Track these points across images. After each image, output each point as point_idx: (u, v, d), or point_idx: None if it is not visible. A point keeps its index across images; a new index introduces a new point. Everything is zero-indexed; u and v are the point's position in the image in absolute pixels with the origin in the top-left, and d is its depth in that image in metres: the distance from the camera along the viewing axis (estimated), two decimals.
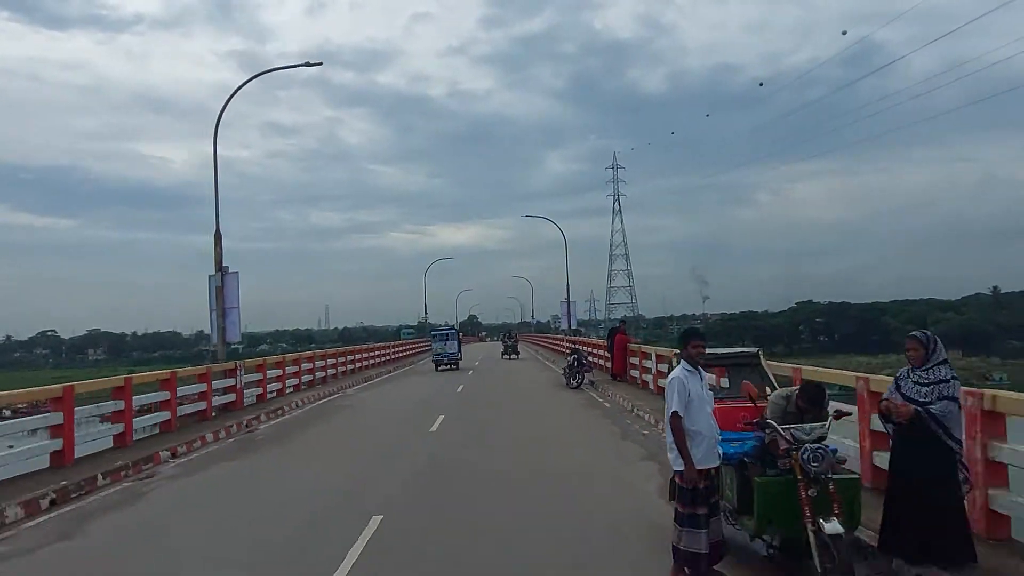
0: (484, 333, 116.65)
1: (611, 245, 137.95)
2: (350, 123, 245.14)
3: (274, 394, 17.90)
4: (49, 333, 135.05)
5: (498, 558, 5.64)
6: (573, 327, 43.59)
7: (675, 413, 4.78)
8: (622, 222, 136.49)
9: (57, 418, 9.46)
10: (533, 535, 6.16)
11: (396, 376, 28.92)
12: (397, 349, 40.59)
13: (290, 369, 19.77)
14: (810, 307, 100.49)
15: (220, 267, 15.30)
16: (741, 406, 5.63)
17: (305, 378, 21.05)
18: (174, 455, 10.65)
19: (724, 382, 7.00)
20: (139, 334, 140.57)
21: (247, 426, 13.66)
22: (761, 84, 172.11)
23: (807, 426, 4.74)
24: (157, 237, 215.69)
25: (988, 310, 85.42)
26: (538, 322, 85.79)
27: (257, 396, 16.91)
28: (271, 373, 18.04)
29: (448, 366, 29.98)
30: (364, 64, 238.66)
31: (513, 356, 38.34)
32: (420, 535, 6.26)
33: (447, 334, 31.87)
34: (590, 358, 22.17)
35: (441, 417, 13.84)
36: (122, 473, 9.30)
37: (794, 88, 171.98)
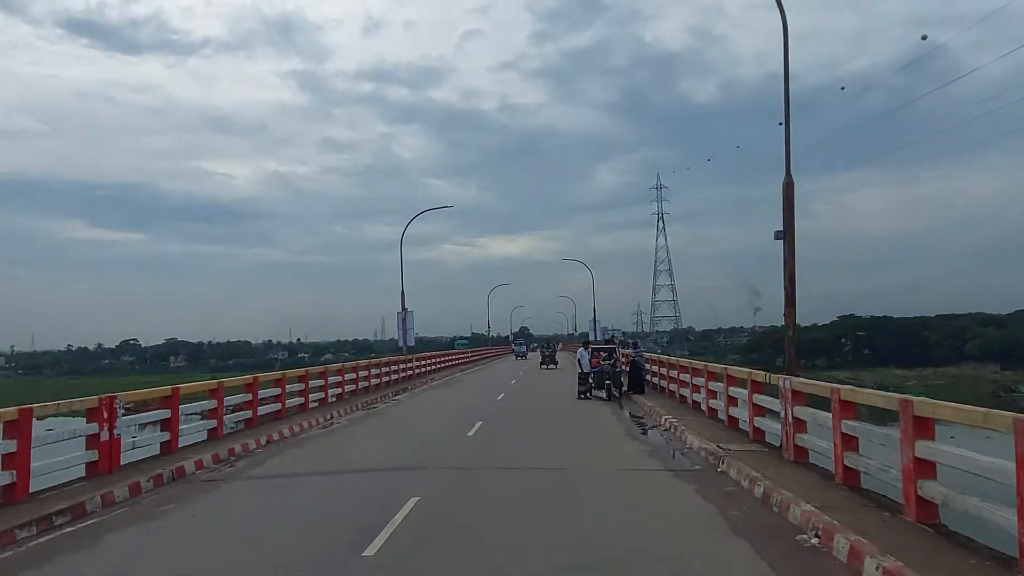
0: (535, 345, 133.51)
1: (655, 261, 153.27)
2: (403, 139, 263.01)
3: (420, 372, 35.75)
4: (131, 342, 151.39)
5: (540, 400, 23.04)
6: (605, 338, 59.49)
7: (579, 359, 22.43)
8: (666, 239, 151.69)
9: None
10: (551, 397, 23.58)
11: (479, 369, 47.91)
12: (472, 354, 59.44)
13: (426, 363, 37.64)
14: (852, 320, 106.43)
15: (404, 308, 33.16)
16: (601, 359, 23.00)
17: (431, 367, 38.94)
18: (403, 392, 28.25)
19: (603, 354, 24.00)
20: (213, 343, 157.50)
21: (424, 384, 31.46)
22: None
23: (607, 362, 22.03)
24: (220, 250, 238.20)
25: None
26: (582, 333, 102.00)
27: (416, 374, 34.65)
28: (419, 363, 35.89)
29: (522, 357, 65.00)
30: (418, 81, 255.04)
31: (551, 366, 42.56)
32: (516, 401, 23.54)
33: (522, 343, 77.68)
34: None
35: (514, 380, 31.49)
36: (391, 394, 26.95)
37: (852, 95, 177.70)
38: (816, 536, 6.91)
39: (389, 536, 7.19)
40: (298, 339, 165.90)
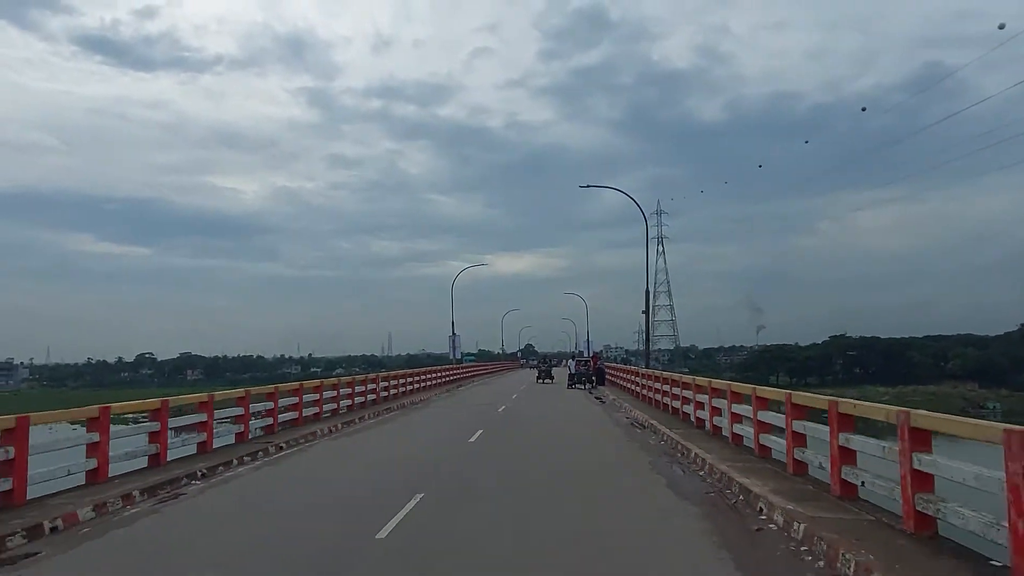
0: (538, 360, 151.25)
1: (655, 283, 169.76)
2: (410, 155, 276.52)
3: (463, 377, 53.28)
4: (148, 355, 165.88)
5: (545, 390, 40.64)
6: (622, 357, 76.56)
7: (569, 366, 41.10)
8: (665, 262, 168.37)
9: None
10: (552, 389, 41.21)
11: (500, 377, 66.51)
12: (491, 367, 78.04)
13: (463, 372, 55.26)
14: (842, 340, 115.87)
15: (454, 332, 51.06)
16: (583, 364, 40.69)
17: (468, 375, 56.58)
18: (462, 386, 45.70)
19: (582, 362, 41.25)
20: (228, 357, 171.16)
21: (469, 383, 49.26)
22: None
23: (584, 367, 39.99)
24: (227, 265, 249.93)
25: (1016, 345, 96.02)
26: (579, 352, 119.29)
27: (462, 377, 52.15)
28: (462, 371, 53.48)
29: (532, 368, 71.61)
30: (426, 98, 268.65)
31: (547, 380, 48.73)
32: (531, 391, 40.89)
33: (533, 358, 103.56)
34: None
35: (524, 385, 49.20)
36: (456, 386, 44.47)
37: (857, 115, 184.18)
38: (630, 414, 24.41)
39: (502, 412, 25.07)
40: (309, 354, 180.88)
